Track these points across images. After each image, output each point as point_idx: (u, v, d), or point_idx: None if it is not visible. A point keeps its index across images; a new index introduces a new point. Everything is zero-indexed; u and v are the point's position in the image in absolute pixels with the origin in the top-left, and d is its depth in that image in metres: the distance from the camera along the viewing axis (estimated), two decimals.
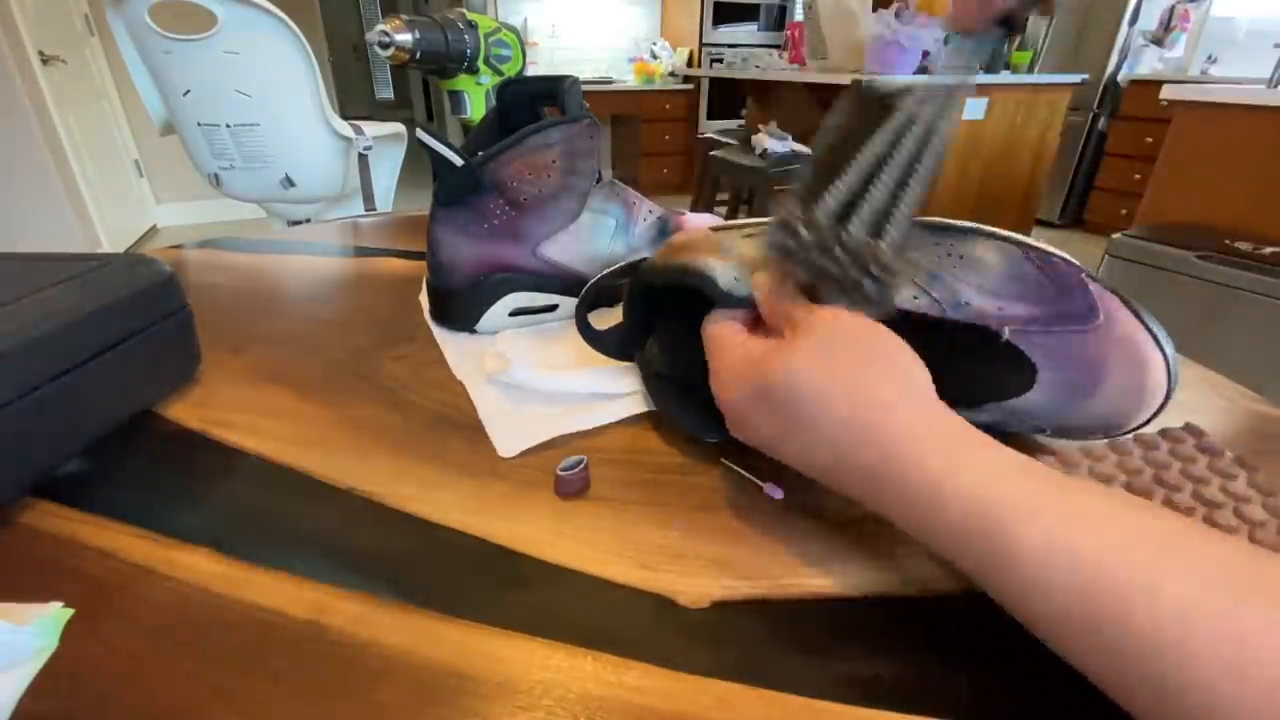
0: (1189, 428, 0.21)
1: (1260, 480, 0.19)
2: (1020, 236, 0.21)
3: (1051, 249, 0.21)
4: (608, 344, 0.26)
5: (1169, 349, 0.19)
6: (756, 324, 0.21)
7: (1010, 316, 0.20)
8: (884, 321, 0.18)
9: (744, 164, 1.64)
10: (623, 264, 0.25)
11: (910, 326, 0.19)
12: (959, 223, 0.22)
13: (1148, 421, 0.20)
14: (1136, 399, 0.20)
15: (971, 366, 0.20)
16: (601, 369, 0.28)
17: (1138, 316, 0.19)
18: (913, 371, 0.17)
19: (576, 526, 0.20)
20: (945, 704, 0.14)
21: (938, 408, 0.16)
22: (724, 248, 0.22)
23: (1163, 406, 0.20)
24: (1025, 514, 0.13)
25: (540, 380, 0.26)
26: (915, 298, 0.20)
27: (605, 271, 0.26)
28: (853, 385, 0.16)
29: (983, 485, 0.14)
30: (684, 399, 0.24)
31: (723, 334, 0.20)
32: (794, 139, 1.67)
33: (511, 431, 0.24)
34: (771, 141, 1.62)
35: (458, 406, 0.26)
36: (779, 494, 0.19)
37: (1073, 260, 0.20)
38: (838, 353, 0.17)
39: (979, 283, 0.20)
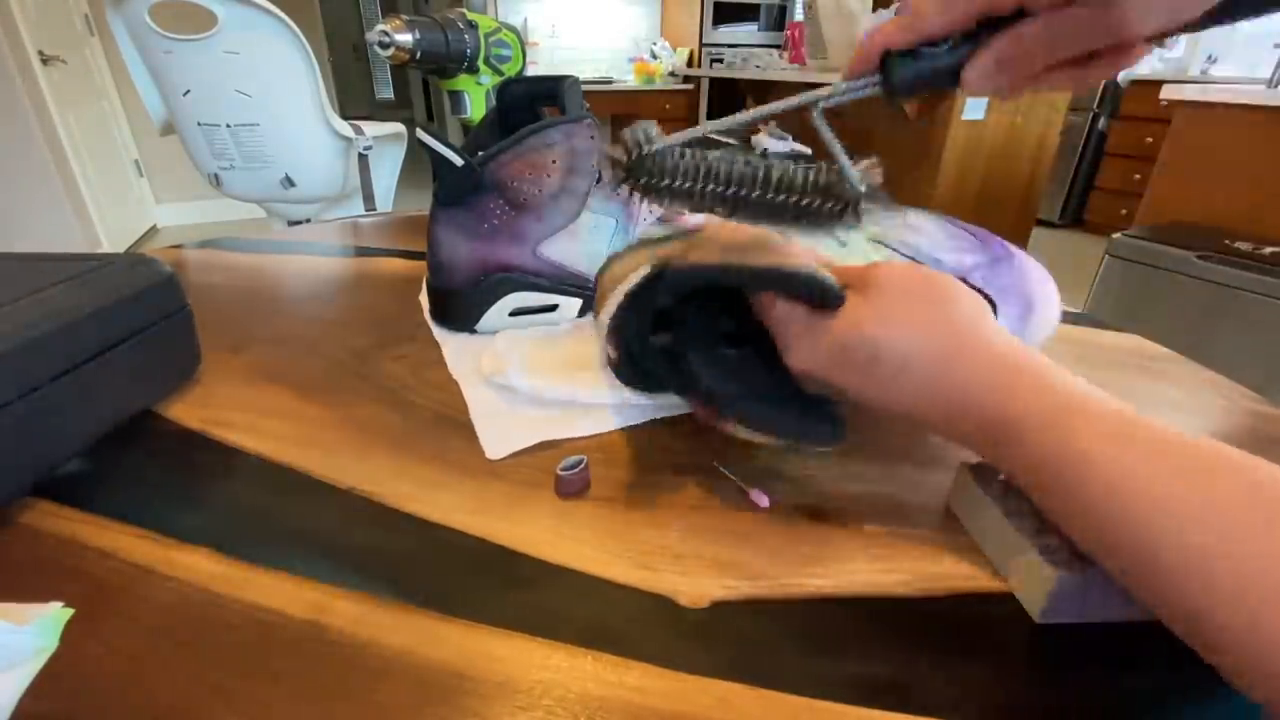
0: None
1: None
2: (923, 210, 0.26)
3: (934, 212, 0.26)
4: (627, 376, 0.23)
5: (1052, 280, 0.26)
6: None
7: (965, 266, 0.24)
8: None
9: None
10: (647, 274, 0.20)
11: None
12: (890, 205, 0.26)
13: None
14: (1049, 320, 0.26)
15: None
16: (597, 375, 0.27)
17: (1030, 259, 0.25)
18: (971, 304, 0.19)
19: (576, 526, 0.20)
20: (945, 704, 0.14)
21: (996, 334, 0.18)
22: (782, 243, 0.21)
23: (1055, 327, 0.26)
24: (1081, 423, 0.15)
25: (534, 389, 0.26)
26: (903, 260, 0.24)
27: (630, 286, 0.20)
28: (926, 327, 0.18)
29: (1039, 417, 0.16)
30: (787, 413, 0.21)
31: (789, 307, 0.20)
32: (794, 139, 1.67)
33: (500, 434, 0.24)
34: (772, 141, 1.62)
35: (458, 406, 0.26)
36: (765, 501, 0.19)
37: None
38: (908, 299, 0.18)
39: (933, 242, 0.24)
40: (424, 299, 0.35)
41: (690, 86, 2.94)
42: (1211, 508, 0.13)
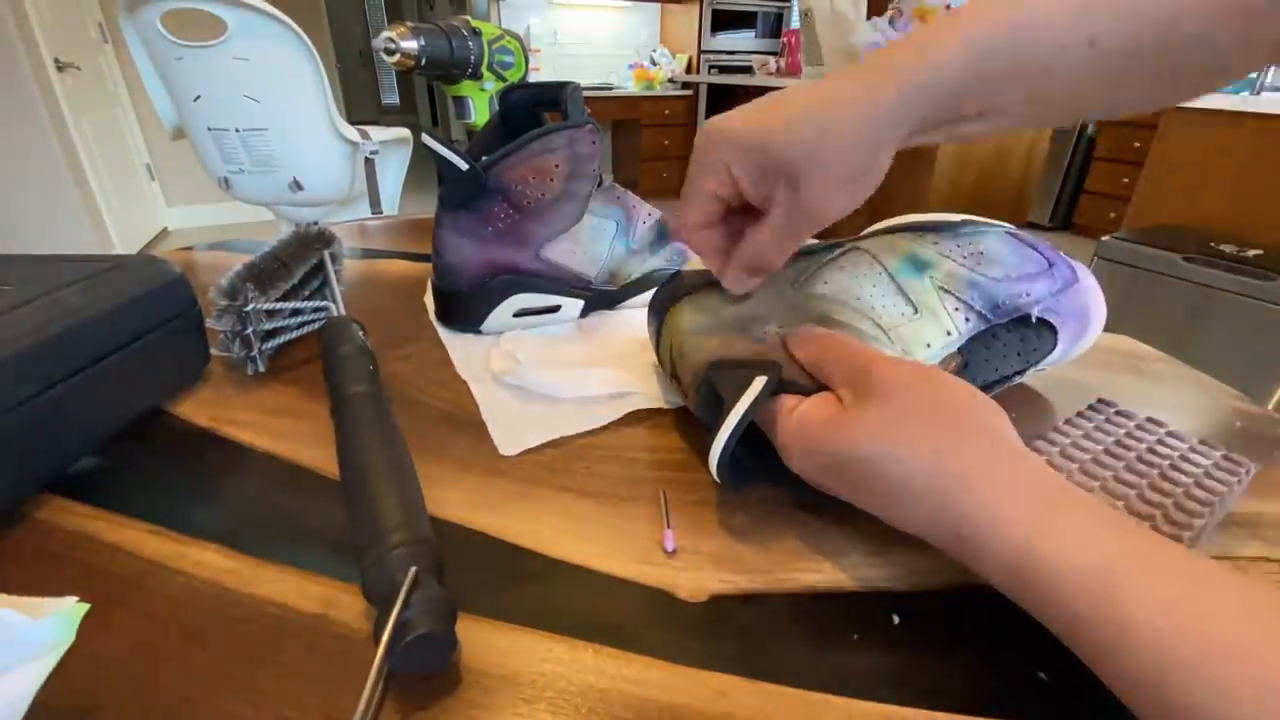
0: (1103, 401, 0.25)
1: (1176, 431, 0.23)
2: (999, 223, 0.24)
3: (1010, 227, 0.24)
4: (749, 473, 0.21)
5: (1100, 291, 0.25)
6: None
7: (1036, 298, 0.22)
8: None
9: None
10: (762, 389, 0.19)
11: (967, 342, 0.21)
12: (953, 217, 0.24)
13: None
14: (1096, 334, 0.26)
15: (1015, 350, 0.23)
16: (607, 370, 0.28)
17: (1088, 274, 0.25)
18: (989, 425, 0.16)
19: (578, 522, 0.20)
20: (939, 696, 0.15)
21: (1018, 463, 0.15)
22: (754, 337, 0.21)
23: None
24: (1126, 579, 0.13)
25: (548, 386, 0.26)
26: (967, 319, 0.22)
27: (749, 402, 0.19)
28: (932, 454, 0.15)
29: (1071, 549, 0.13)
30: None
31: (781, 400, 0.19)
32: None
33: (513, 431, 0.24)
34: None
35: (462, 405, 0.27)
36: (671, 545, 0.19)
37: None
38: (911, 417, 0.16)
39: (1003, 273, 0.23)
40: (429, 300, 0.36)
41: (689, 93, 2.96)
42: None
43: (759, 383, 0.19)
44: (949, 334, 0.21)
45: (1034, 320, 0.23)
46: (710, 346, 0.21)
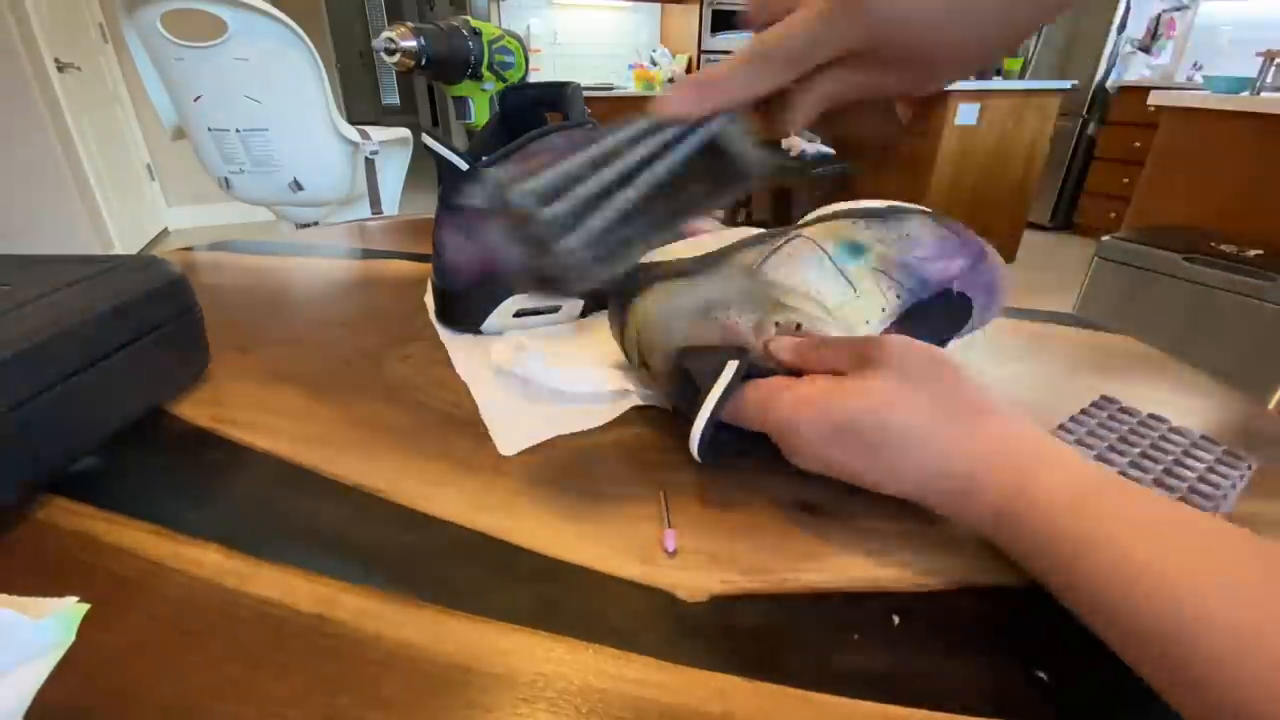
0: (1106, 399, 0.25)
1: (1179, 427, 0.23)
2: (919, 207, 0.26)
3: (929, 210, 0.25)
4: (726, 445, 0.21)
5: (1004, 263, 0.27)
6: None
7: (952, 274, 0.25)
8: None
9: None
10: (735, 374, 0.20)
11: (898, 318, 0.23)
12: (879, 204, 0.26)
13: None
14: (1004, 301, 0.28)
15: (939, 323, 0.25)
16: (610, 368, 0.28)
17: (991, 249, 0.27)
18: (984, 389, 0.19)
19: (579, 522, 0.20)
20: (939, 696, 0.15)
21: (1014, 416, 0.18)
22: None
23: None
24: (1128, 530, 0.14)
25: (548, 376, 0.26)
26: (899, 296, 0.24)
27: (719, 393, 0.20)
28: (939, 407, 0.18)
29: (1069, 480, 0.16)
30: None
31: (768, 385, 0.20)
32: (820, 141, 1.69)
33: (512, 430, 0.24)
34: (804, 144, 1.65)
35: (463, 405, 0.27)
36: (671, 545, 0.19)
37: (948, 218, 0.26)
38: (916, 379, 0.18)
39: (925, 254, 0.24)
40: (429, 300, 0.36)
41: None
42: (1244, 593, 0.12)
43: (732, 366, 0.20)
44: (884, 310, 0.24)
45: (954, 294, 0.25)
46: (679, 332, 0.23)
